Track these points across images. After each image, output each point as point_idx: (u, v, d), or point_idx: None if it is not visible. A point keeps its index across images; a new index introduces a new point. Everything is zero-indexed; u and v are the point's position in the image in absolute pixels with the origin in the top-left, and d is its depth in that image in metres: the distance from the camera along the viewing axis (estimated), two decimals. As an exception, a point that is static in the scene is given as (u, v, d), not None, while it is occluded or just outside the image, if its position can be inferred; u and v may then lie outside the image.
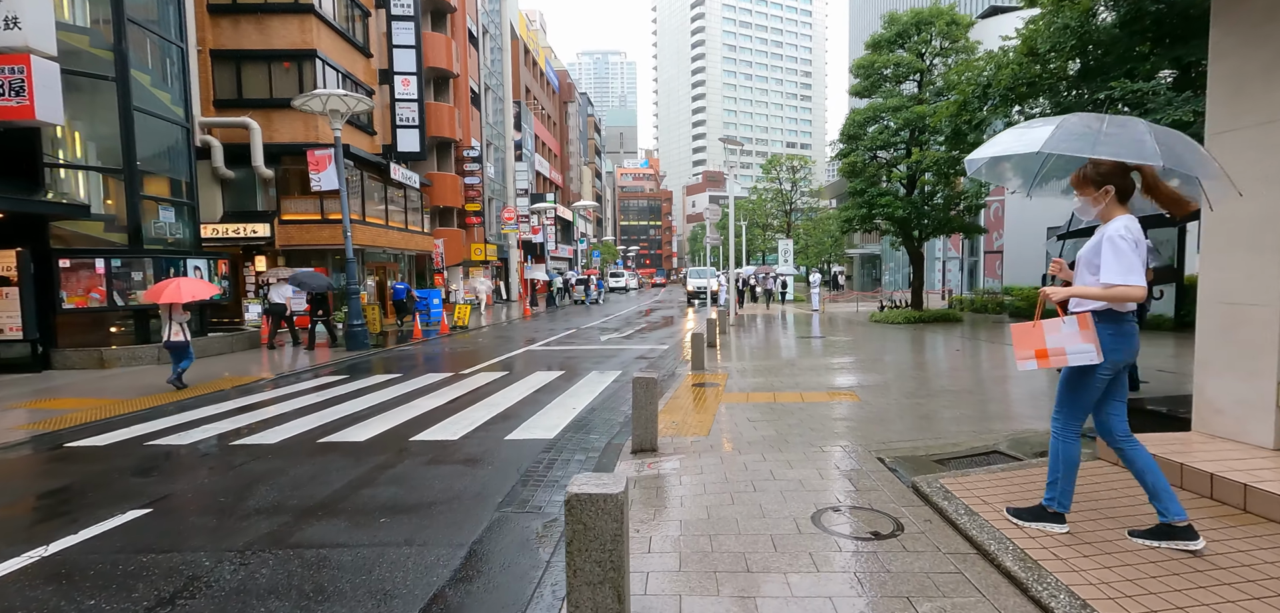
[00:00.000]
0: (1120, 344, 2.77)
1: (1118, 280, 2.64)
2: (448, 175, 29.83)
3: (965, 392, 7.16)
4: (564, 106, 65.47)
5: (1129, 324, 2.77)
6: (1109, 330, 2.77)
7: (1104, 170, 2.77)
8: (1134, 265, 2.62)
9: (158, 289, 9.26)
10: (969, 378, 8.15)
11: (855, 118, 17.98)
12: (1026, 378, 7.89)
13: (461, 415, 6.91)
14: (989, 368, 8.92)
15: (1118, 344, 2.77)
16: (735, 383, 8.24)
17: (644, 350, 12.86)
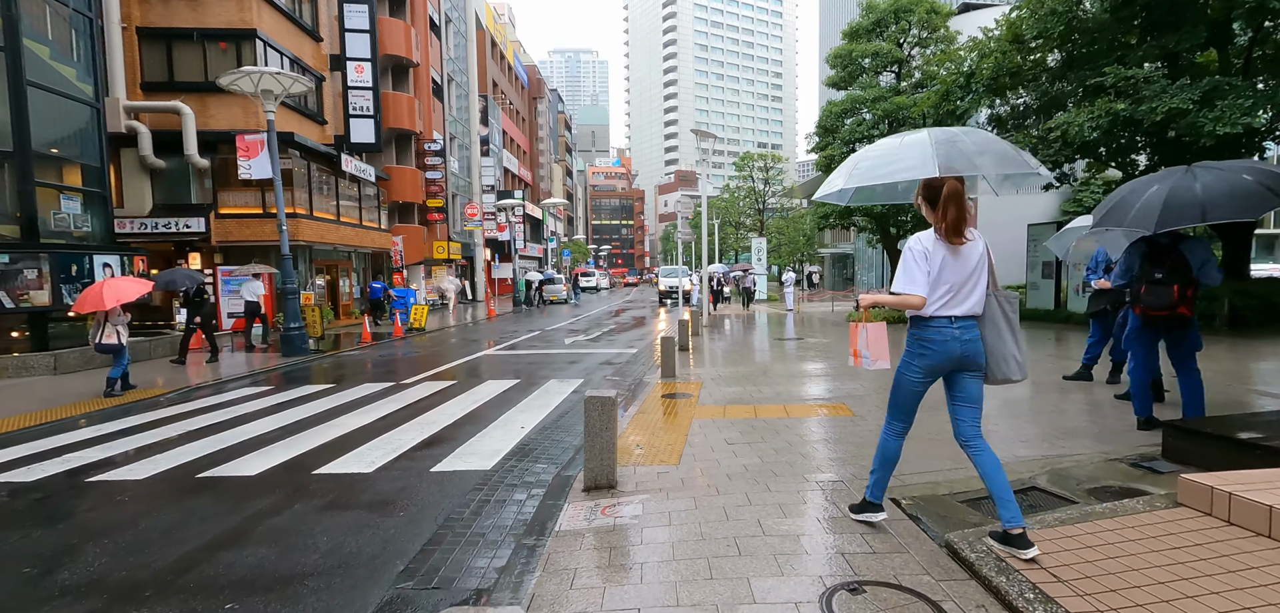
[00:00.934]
0: (924, 351, 2.85)
1: (898, 288, 2.84)
2: (408, 169, 28.35)
3: (970, 403, 6.30)
4: (533, 103, 64.04)
5: (931, 331, 2.81)
6: (912, 337, 2.91)
7: (923, 192, 2.89)
8: (914, 277, 2.77)
9: (90, 296, 8.17)
10: (968, 386, 7.31)
11: (832, 110, 17.25)
12: (1030, 388, 7.10)
13: (386, 438, 5.79)
14: (986, 374, 8.12)
15: (921, 350, 2.86)
16: (710, 393, 7.29)
17: (610, 355, 11.84)
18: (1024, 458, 4.36)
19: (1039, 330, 13.15)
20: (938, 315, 2.78)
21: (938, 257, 2.75)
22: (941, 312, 2.77)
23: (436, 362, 11.28)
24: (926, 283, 2.76)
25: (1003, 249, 24.86)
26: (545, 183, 65.03)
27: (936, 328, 2.80)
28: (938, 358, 2.84)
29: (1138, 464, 3.90)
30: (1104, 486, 3.61)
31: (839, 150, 17.09)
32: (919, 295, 2.76)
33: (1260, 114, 9.63)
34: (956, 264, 2.75)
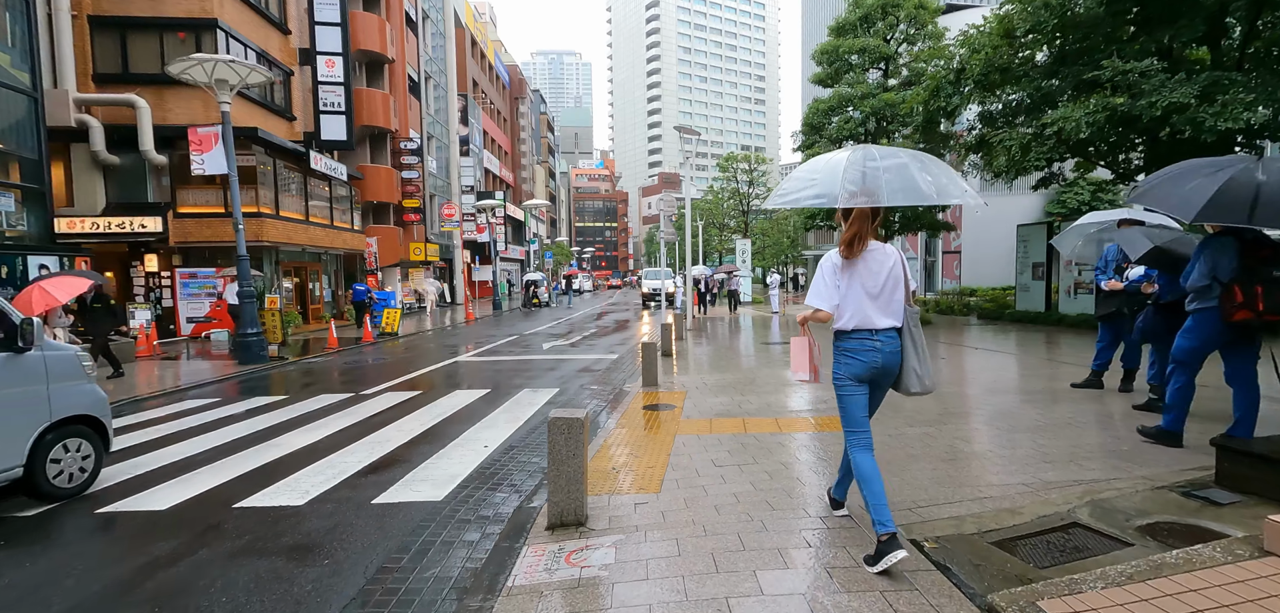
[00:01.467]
0: (848, 360, 2.93)
1: (809, 301, 2.96)
2: (382, 168, 27.46)
3: (981, 416, 5.78)
4: (515, 103, 63.21)
5: (853, 342, 2.90)
6: (836, 348, 2.99)
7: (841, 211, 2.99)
8: (822, 292, 2.92)
9: (20, 301, 7.39)
10: (978, 395, 6.81)
11: (818, 107, 16.79)
12: (1041, 399, 6.60)
13: (329, 461, 5.11)
14: (993, 382, 7.64)
15: (846, 360, 2.94)
16: (696, 404, 6.69)
17: (589, 361, 11.21)
18: (1054, 483, 3.81)
19: (1030, 334, 12.76)
20: (860, 328, 2.89)
21: (848, 272, 2.91)
22: (863, 324, 2.88)
23: (404, 369, 10.56)
24: (836, 297, 2.91)
25: (988, 249, 24.62)
26: (527, 184, 64.19)
27: (858, 339, 2.91)
28: (862, 366, 2.92)
29: (1191, 493, 3.37)
30: (1158, 522, 3.07)
31: (825, 148, 16.63)
32: (826, 310, 2.92)
33: (1260, 110, 9.29)
34: (867, 278, 2.87)
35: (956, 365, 8.96)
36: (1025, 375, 7.82)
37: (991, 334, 13.05)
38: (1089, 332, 12.64)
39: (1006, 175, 12.63)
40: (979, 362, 9.23)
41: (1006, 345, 11.00)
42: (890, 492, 3.75)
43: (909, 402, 6.38)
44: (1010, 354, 9.90)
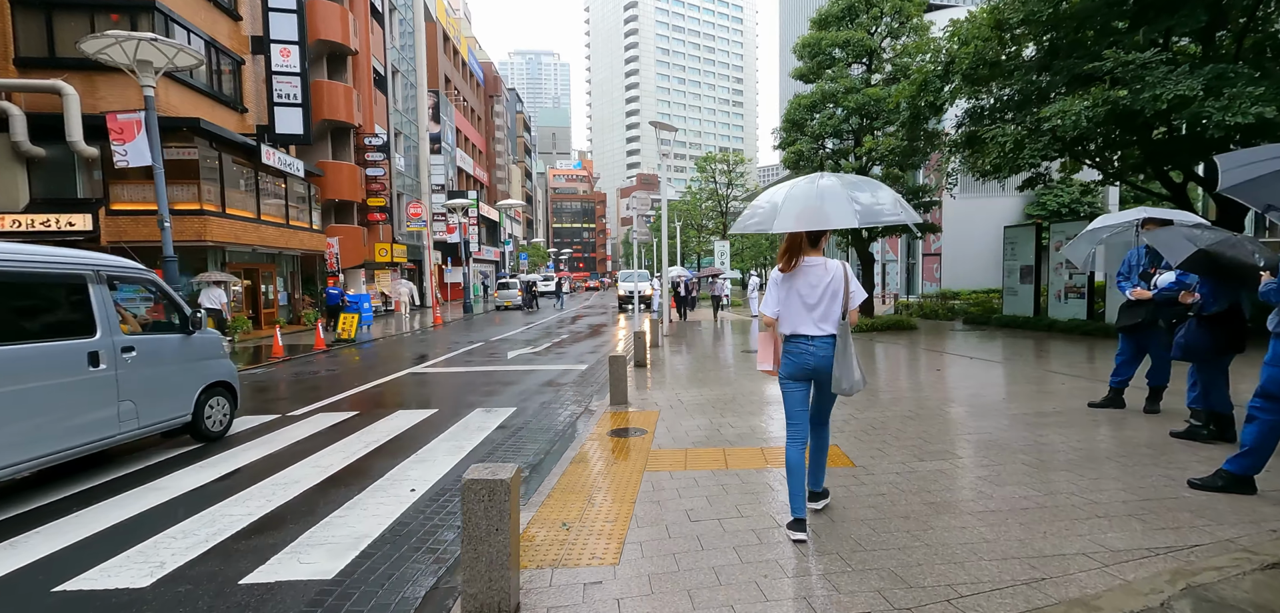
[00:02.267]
0: (787, 360, 3.34)
1: (762, 308, 3.44)
2: (345, 165, 26.14)
3: (1001, 447, 4.98)
4: (490, 101, 61.88)
5: (790, 345, 3.31)
6: (783, 349, 3.39)
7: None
8: (768, 300, 3.36)
9: None
10: (987, 417, 6.03)
11: (800, 103, 16.05)
12: (1064, 422, 5.85)
13: (210, 515, 4.12)
14: (998, 400, 6.88)
15: (786, 359, 3.34)
16: (670, 428, 5.81)
17: (556, 374, 10.26)
18: (1124, 553, 2.99)
19: (1020, 341, 12.13)
20: (797, 333, 3.26)
21: (786, 284, 3.30)
22: (801, 329, 3.25)
23: (347, 383, 9.50)
24: (777, 305, 3.31)
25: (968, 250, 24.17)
26: (503, 184, 62.84)
27: (796, 342, 3.28)
28: (796, 367, 3.29)
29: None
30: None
31: (807, 146, 15.91)
32: (769, 315, 3.34)
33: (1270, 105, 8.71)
34: (805, 290, 3.24)
35: (954, 378, 8.20)
36: (1032, 392, 7.09)
37: (980, 341, 12.40)
38: (1081, 339, 12.06)
39: (999, 173, 11.99)
40: (976, 374, 8.49)
41: (1000, 354, 10.33)
42: (918, 565, 2.90)
43: (914, 427, 5.57)
44: (1007, 365, 9.20)
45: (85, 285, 5.05)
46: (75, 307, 4.96)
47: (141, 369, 5.40)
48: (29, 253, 4.73)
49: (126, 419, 5.19)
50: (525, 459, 5.32)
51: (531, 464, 5.21)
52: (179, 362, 5.89)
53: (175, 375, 5.81)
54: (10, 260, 4.52)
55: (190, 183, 16.20)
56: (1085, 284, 13.30)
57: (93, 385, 4.93)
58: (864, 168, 15.46)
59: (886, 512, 3.59)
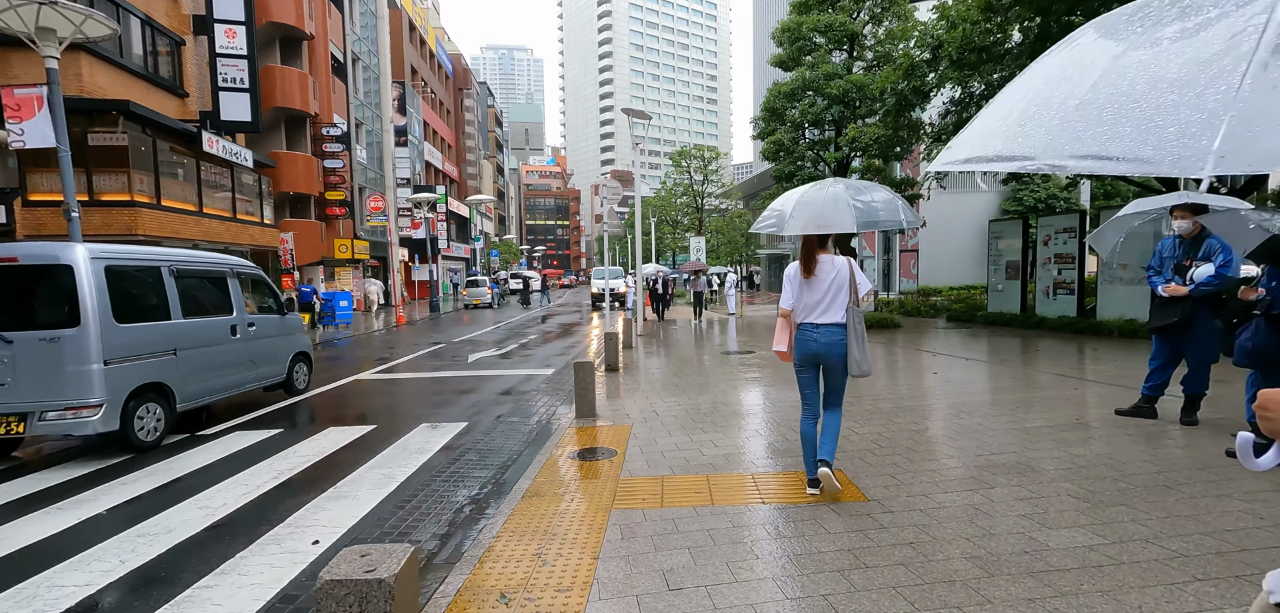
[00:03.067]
0: (798, 346, 3.78)
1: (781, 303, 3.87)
2: (301, 156, 24.70)
3: (1037, 474, 4.22)
4: (460, 94, 60.29)
5: (801, 333, 3.74)
6: (795, 336, 3.80)
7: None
8: (784, 295, 3.79)
9: None
10: (1011, 428, 5.29)
11: (779, 90, 15.32)
12: (1095, 436, 5.14)
13: (50, 577, 3.12)
14: (1011, 408, 6.16)
15: (797, 345, 3.79)
16: (643, 447, 4.95)
17: (518, 380, 9.32)
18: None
19: (1009, 339, 11.56)
20: (805, 322, 3.73)
21: (797, 281, 3.75)
22: (808, 318, 3.71)
23: (280, 394, 8.42)
24: (792, 299, 3.76)
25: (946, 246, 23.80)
26: (474, 180, 61.25)
27: (804, 330, 3.74)
28: (804, 351, 3.77)
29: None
30: None
31: (787, 135, 15.18)
32: (785, 307, 3.80)
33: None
34: (813, 286, 3.70)
35: (955, 383, 7.49)
36: (1046, 398, 6.39)
37: (969, 340, 11.81)
38: (1072, 337, 11.55)
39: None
40: (978, 378, 7.80)
41: (994, 354, 9.70)
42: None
43: (925, 444, 4.79)
44: (1007, 366, 8.54)
45: (226, 279, 7.05)
46: (221, 294, 6.95)
47: (258, 340, 7.38)
48: (196, 256, 6.86)
49: (250, 374, 7.17)
50: (467, 492, 4.40)
51: (475, 499, 4.30)
52: (278, 335, 7.83)
53: (277, 346, 7.78)
54: (186, 261, 6.59)
55: (118, 171, 14.81)
56: (1075, 280, 12.82)
57: (232, 348, 6.93)
58: (846, 159, 14.80)
59: (923, 573, 2.77)
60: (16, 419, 5.08)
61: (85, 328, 5.27)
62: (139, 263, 6.01)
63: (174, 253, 6.65)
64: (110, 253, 5.71)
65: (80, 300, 5.28)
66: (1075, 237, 12.78)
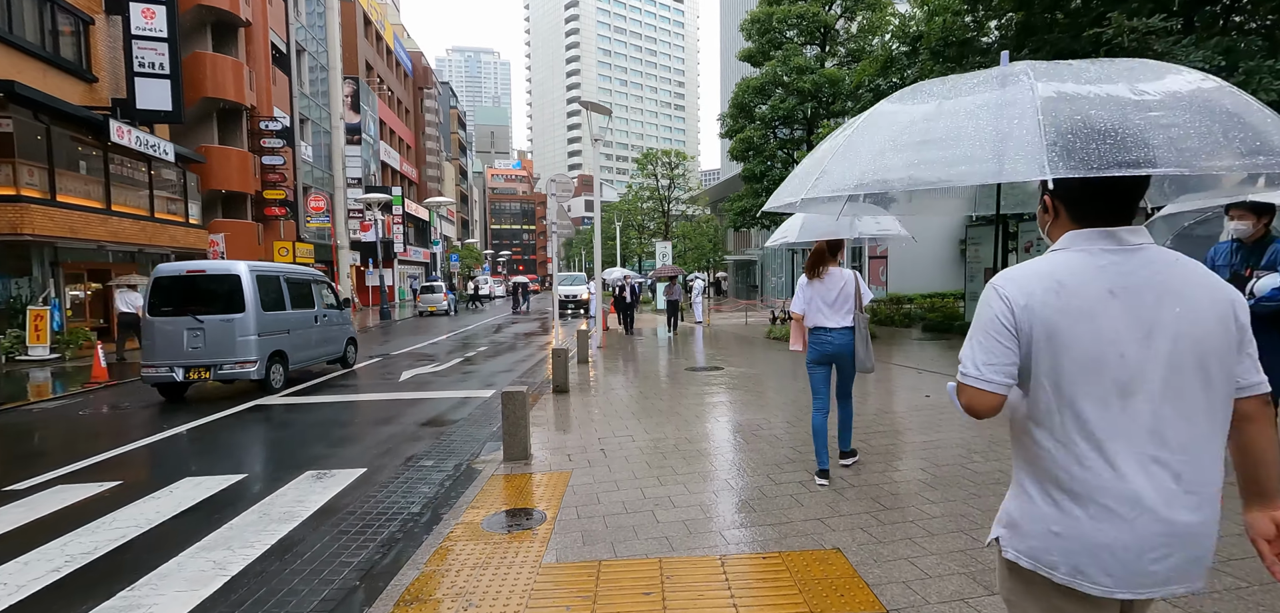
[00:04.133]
0: (812, 347, 4.24)
1: (791, 307, 4.40)
2: (235, 152, 22.83)
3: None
4: (420, 93, 58.26)
5: (814, 335, 4.21)
6: (809, 338, 4.27)
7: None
8: (796, 300, 4.31)
9: None
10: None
11: (748, 85, 14.36)
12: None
13: None
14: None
15: (811, 346, 4.24)
16: (581, 507, 3.77)
17: (450, 405, 8.02)
18: None
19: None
20: (819, 325, 4.17)
21: (810, 288, 4.21)
22: (821, 323, 4.16)
23: (148, 427, 6.95)
24: (803, 305, 4.23)
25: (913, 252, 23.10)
26: (435, 182, 59.15)
27: (819, 334, 4.18)
28: (820, 352, 4.20)
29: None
30: None
31: (757, 133, 14.21)
32: (797, 312, 4.29)
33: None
34: (825, 293, 4.15)
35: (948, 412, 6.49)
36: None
37: (948, 353, 10.95)
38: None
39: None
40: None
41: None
42: None
43: (943, 505, 3.71)
44: (1005, 386, 7.62)
45: (310, 284, 10.23)
46: (309, 294, 10.07)
47: (327, 326, 10.48)
48: (295, 269, 10.35)
49: (323, 350, 10.33)
50: (316, 599, 3.13)
51: (328, 603, 3.03)
52: (339, 324, 11.00)
53: (338, 331, 10.95)
54: (292, 271, 10.00)
55: (2, 161, 12.97)
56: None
57: (315, 331, 10.04)
58: (819, 159, 13.90)
59: None
60: (206, 369, 8.23)
61: (247, 314, 8.41)
62: (270, 273, 9.27)
63: (287, 266, 10.49)
64: (258, 267, 9.04)
65: (244, 297, 8.42)
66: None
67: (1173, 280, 1.16)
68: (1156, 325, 1.13)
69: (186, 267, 8.64)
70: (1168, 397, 1.12)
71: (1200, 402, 1.13)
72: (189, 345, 8.18)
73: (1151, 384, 1.13)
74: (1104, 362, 1.13)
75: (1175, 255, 1.20)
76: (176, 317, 8.23)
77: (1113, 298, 1.15)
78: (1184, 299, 1.14)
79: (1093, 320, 1.14)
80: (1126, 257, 1.17)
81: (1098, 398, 1.13)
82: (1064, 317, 1.14)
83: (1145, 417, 1.12)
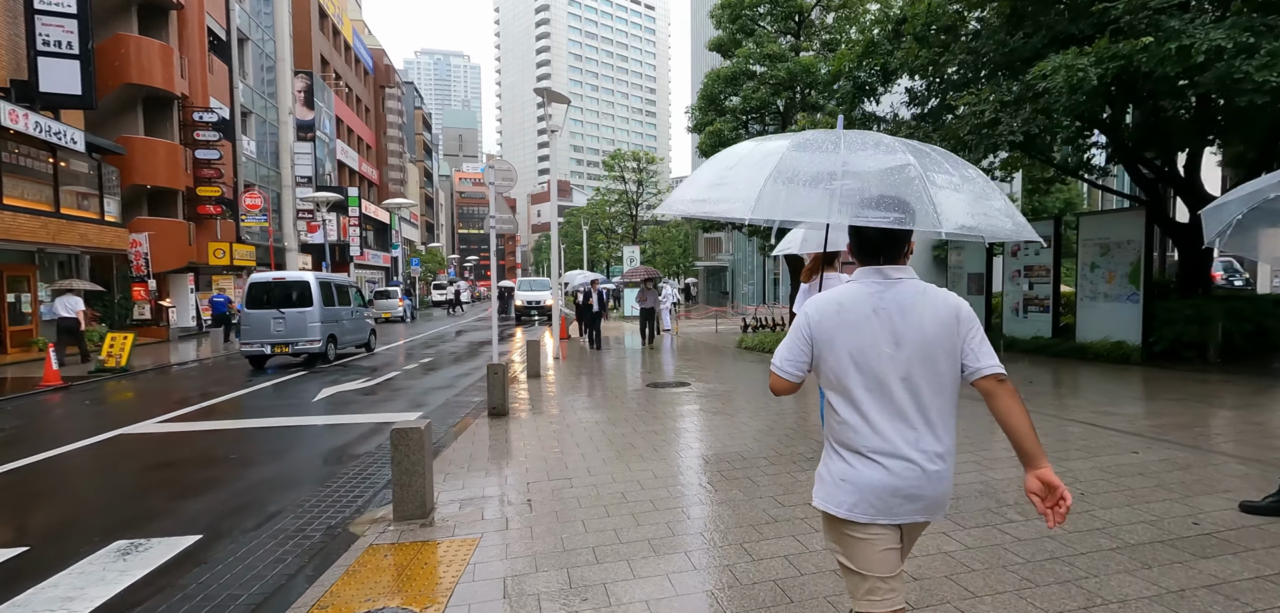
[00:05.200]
0: None
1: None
2: (163, 144, 20.91)
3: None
4: (381, 92, 56.19)
5: None
6: None
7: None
8: (798, 305, 4.24)
9: None
10: (1097, 544, 3.18)
11: (718, 76, 13.30)
12: (1234, 548, 3.08)
13: None
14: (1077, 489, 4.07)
15: None
16: (478, 601, 2.55)
17: (360, 433, 6.68)
18: None
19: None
20: None
21: (810, 295, 3.52)
22: None
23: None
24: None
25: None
26: (398, 184, 56.98)
27: None
28: None
29: None
30: None
31: (727, 126, 13.14)
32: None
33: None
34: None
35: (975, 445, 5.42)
36: (1107, 473, 4.37)
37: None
38: (1048, 362, 9.93)
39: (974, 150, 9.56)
40: (982, 432, 5.78)
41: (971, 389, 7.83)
42: None
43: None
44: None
45: (349, 288, 14.30)
46: (348, 295, 14.03)
47: (357, 318, 14.28)
48: (340, 278, 14.98)
49: (355, 336, 13.77)
50: None
51: None
52: (367, 318, 14.98)
53: (364, 323, 14.67)
54: (338, 279, 14.31)
55: None
56: (1050, 296, 11.29)
57: (351, 322, 13.79)
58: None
59: None
60: (286, 346, 11.93)
61: (315, 307, 12.12)
62: (326, 280, 13.12)
63: (337, 276, 14.72)
64: (320, 277, 12.92)
65: (312, 295, 12.19)
66: (1050, 247, 11.26)
67: (915, 302, 1.58)
68: (902, 333, 1.55)
69: (272, 275, 13.06)
70: (910, 382, 1.55)
71: (933, 386, 1.56)
72: (274, 329, 11.94)
73: (899, 373, 1.55)
74: (866, 357, 1.56)
75: (923, 285, 1.62)
76: (264, 308, 12.07)
77: (875, 315, 1.58)
78: (920, 314, 1.56)
79: (858, 330, 1.57)
80: (888, 286, 1.60)
81: (864, 384, 1.57)
82: (841, 329, 1.59)
83: (896, 396, 1.55)
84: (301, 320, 11.96)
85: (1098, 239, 10.27)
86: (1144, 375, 8.41)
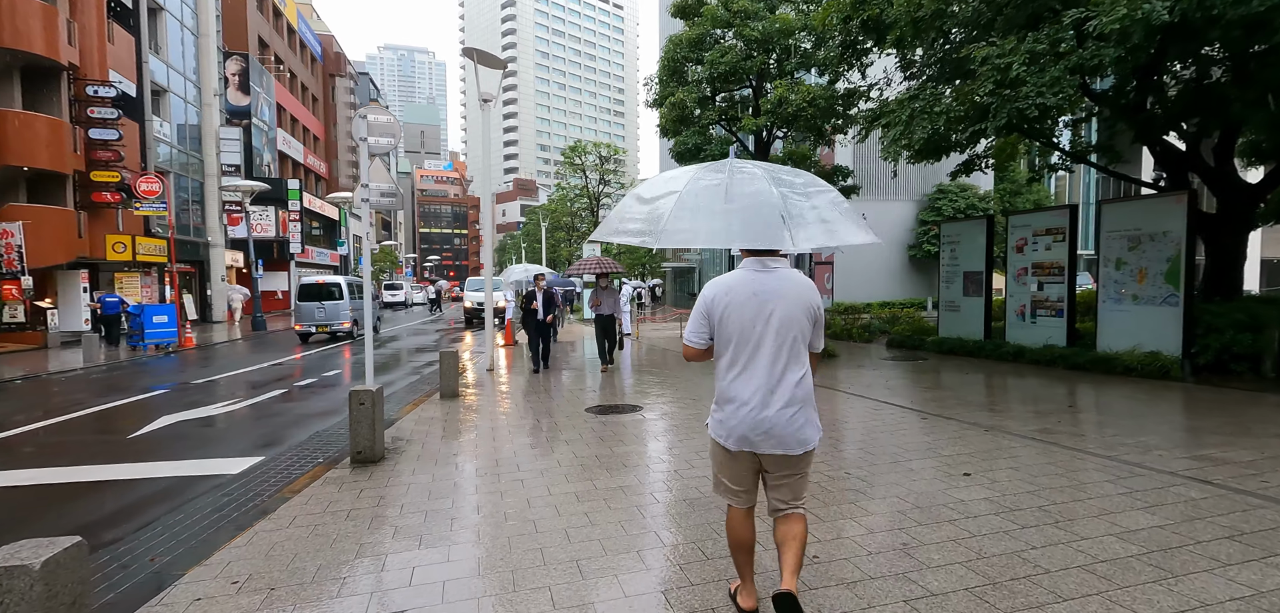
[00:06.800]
0: None
1: None
2: (45, 119, 18.07)
3: None
4: (330, 81, 52.96)
5: None
6: None
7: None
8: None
9: None
10: None
11: (681, 40, 11.41)
12: None
13: None
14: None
15: None
16: None
17: (159, 489, 4.56)
18: None
19: (997, 377, 7.99)
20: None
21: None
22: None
23: None
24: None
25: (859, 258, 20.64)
26: (351, 180, 53.76)
27: None
28: None
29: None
30: None
31: (690, 97, 11.25)
32: None
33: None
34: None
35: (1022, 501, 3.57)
36: (1208, 546, 2.56)
37: (935, 380, 8.26)
38: (1070, 376, 8.31)
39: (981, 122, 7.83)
40: (1058, 483, 3.95)
41: (995, 405, 6.06)
42: None
43: None
44: (1075, 443, 4.83)
45: (357, 286, 18.17)
46: (358, 291, 17.46)
47: (375, 308, 19.56)
48: (358, 280, 18.00)
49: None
50: None
51: None
52: (377, 309, 21.07)
53: (374, 311, 15.63)
54: (356, 280, 18.54)
55: None
56: (1063, 298, 9.69)
57: (359, 310, 17.38)
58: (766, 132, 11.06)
59: None
60: (325, 326, 17.18)
61: (344, 300, 17.39)
62: (350, 280, 18.48)
63: (356, 279, 18.75)
64: (347, 279, 18.49)
65: (342, 292, 17.53)
66: (1063, 240, 9.67)
67: (786, 288, 2.28)
68: (773, 312, 2.24)
69: (317, 278, 18.49)
70: (774, 350, 2.25)
71: (789, 354, 2.26)
72: (318, 316, 17.11)
73: (767, 343, 2.26)
74: (746, 331, 2.26)
75: (794, 273, 2.33)
76: (311, 301, 17.22)
77: (754, 296, 2.28)
78: (787, 298, 2.26)
79: (741, 309, 2.28)
80: (766, 275, 2.29)
81: (743, 351, 2.28)
82: (729, 308, 2.29)
83: (765, 359, 2.26)
84: (336, 309, 17.26)
85: (1126, 230, 8.67)
86: (1189, 396, 6.79)
